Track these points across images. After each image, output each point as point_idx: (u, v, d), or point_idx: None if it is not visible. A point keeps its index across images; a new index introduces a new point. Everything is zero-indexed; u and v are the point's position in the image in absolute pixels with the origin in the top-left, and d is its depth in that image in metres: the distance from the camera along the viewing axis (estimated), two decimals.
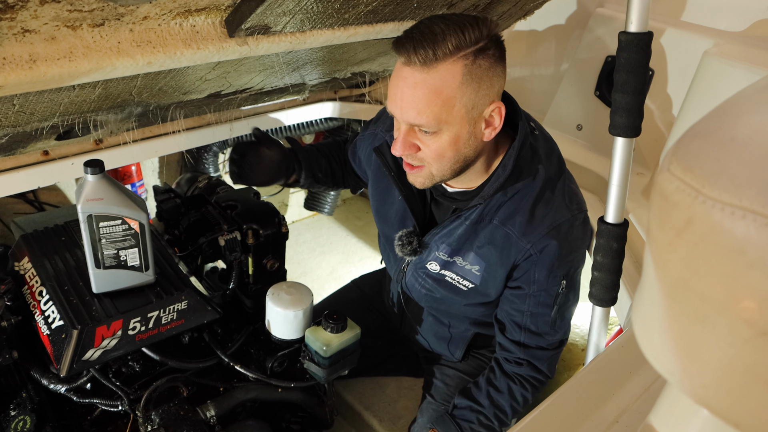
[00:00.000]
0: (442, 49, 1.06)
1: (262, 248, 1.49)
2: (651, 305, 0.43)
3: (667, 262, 0.40)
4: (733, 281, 0.36)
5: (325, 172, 1.63)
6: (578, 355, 1.82)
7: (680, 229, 0.38)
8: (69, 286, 1.27)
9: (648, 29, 1.04)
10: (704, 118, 0.43)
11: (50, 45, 0.88)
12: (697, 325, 0.38)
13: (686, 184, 0.38)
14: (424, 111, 1.10)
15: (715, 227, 0.36)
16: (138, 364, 1.32)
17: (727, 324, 0.37)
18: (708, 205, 0.37)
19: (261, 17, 0.99)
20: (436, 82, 1.08)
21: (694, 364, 0.39)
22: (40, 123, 1.26)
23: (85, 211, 1.15)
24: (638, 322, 0.45)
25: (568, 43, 1.98)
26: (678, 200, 0.39)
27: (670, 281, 0.40)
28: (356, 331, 1.34)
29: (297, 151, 1.59)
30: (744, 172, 0.36)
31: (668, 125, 1.71)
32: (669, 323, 0.41)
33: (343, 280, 2.51)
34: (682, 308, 0.39)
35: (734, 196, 0.35)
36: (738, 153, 0.37)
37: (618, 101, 1.07)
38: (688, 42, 1.63)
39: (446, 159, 1.17)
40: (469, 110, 1.13)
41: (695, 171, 0.38)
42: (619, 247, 1.19)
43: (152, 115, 1.52)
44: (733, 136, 0.39)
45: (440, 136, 1.14)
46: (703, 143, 0.40)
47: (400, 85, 1.11)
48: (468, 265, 1.32)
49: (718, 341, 0.37)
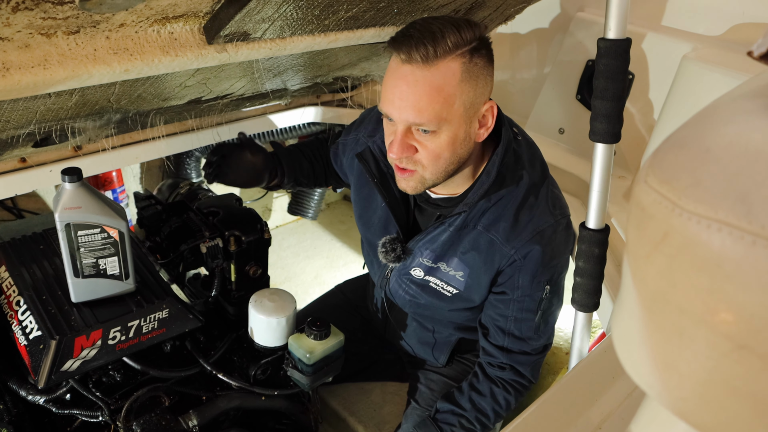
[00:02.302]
0: (442, 46, 1.07)
1: (245, 255, 1.48)
2: (629, 317, 0.42)
3: (645, 275, 0.40)
4: (710, 294, 0.36)
5: (307, 174, 1.63)
6: (562, 359, 1.83)
7: (657, 242, 0.38)
8: (47, 295, 1.25)
9: (627, 35, 1.04)
10: (680, 129, 0.43)
11: (24, 53, 0.86)
12: (675, 337, 0.38)
13: (663, 197, 0.38)
14: (425, 109, 1.10)
15: (692, 240, 0.36)
16: (118, 374, 1.30)
17: (704, 337, 0.37)
18: (684, 218, 0.36)
19: (240, 24, 0.98)
20: (437, 79, 1.08)
21: (673, 377, 0.39)
22: (16, 131, 1.24)
23: (63, 220, 1.14)
24: (617, 333, 0.45)
25: (549, 47, 1.99)
26: (654, 212, 0.39)
27: (647, 293, 0.40)
28: (340, 337, 1.34)
29: (280, 155, 1.58)
30: (719, 185, 0.36)
31: (649, 129, 1.73)
32: (647, 336, 0.41)
33: (328, 285, 2.50)
34: (660, 321, 0.39)
35: (710, 209, 0.35)
36: (713, 165, 0.37)
37: (598, 107, 1.07)
38: (667, 46, 1.65)
39: (443, 160, 1.17)
40: (467, 108, 1.13)
41: (671, 183, 0.38)
42: (600, 252, 1.19)
43: (132, 122, 1.50)
44: (709, 148, 0.39)
45: (439, 135, 1.13)
46: (679, 155, 0.40)
47: (399, 83, 1.11)
48: (452, 271, 1.32)
49: (696, 354, 0.37)
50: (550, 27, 1.99)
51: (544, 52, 2.02)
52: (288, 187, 1.61)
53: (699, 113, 0.44)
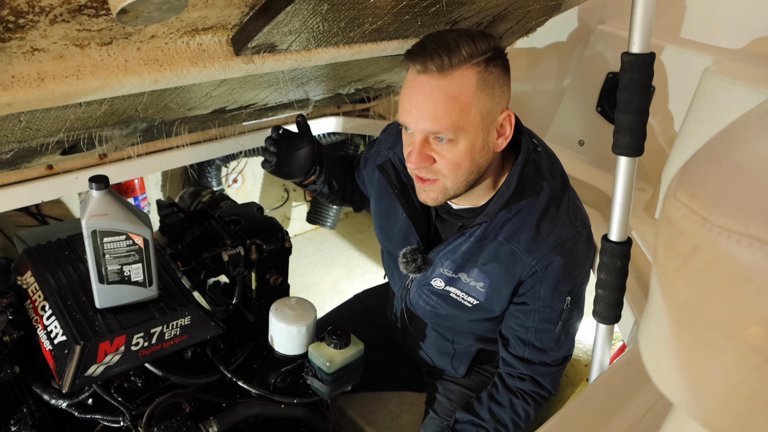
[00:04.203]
0: (457, 56, 1.08)
1: (266, 263, 1.49)
2: (658, 330, 0.43)
3: (674, 288, 0.40)
4: (740, 308, 0.36)
5: (339, 182, 1.63)
6: (581, 371, 1.81)
7: (687, 256, 0.39)
8: (72, 300, 1.27)
9: (650, 50, 1.05)
10: (709, 143, 0.44)
11: (58, 63, 0.89)
12: (704, 350, 0.39)
13: (693, 211, 0.39)
14: (442, 117, 1.11)
15: (722, 255, 0.36)
16: (140, 380, 1.31)
17: (734, 350, 0.37)
18: (714, 233, 0.37)
19: (267, 36, 1.00)
20: (452, 88, 1.10)
21: (702, 390, 0.40)
22: (45, 138, 1.27)
23: (90, 227, 1.16)
24: (645, 345, 0.45)
25: (569, 60, 2.00)
26: (685, 227, 0.39)
27: (677, 307, 0.40)
28: (359, 347, 1.34)
29: (321, 154, 1.57)
30: (749, 200, 0.37)
31: (669, 141, 1.72)
32: (676, 348, 0.41)
33: (346, 294, 2.51)
34: (690, 334, 0.40)
35: (740, 224, 0.36)
36: (743, 180, 0.38)
37: (621, 121, 1.08)
38: (688, 59, 1.64)
39: (462, 169, 1.17)
40: (484, 117, 1.14)
41: (701, 198, 0.39)
42: (622, 265, 1.19)
43: (157, 131, 1.53)
44: (739, 164, 0.39)
45: (456, 144, 1.15)
46: (709, 170, 0.40)
47: (416, 93, 1.12)
48: (472, 282, 1.32)
49: (725, 367, 0.38)
50: (570, 39, 1.99)
51: (564, 64, 2.02)
52: (319, 188, 1.60)
53: (727, 128, 0.44)
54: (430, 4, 1.12)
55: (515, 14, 1.35)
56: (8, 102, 0.88)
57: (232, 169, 2.60)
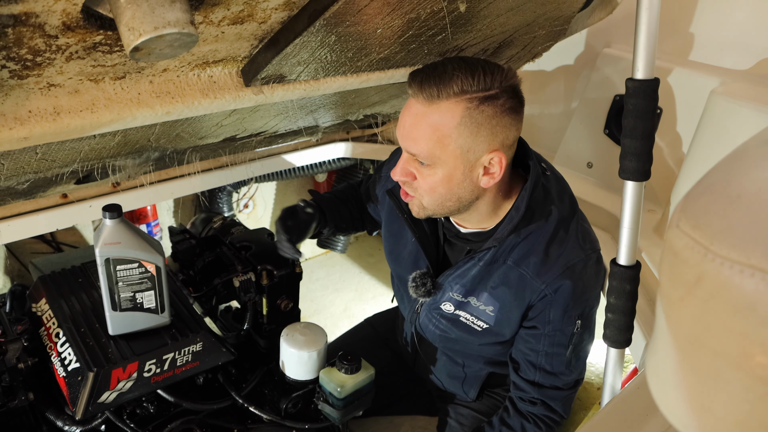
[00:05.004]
0: (446, 90, 1.10)
1: (276, 289, 1.50)
2: (664, 359, 0.43)
3: (679, 318, 0.41)
4: (744, 338, 0.36)
5: (346, 219, 1.64)
6: (593, 394, 1.80)
7: (691, 286, 0.39)
8: (85, 327, 1.28)
9: (654, 75, 1.06)
10: (710, 173, 0.44)
11: (74, 98, 0.91)
12: (710, 380, 0.39)
13: (695, 241, 0.39)
14: (419, 142, 1.15)
15: (725, 284, 0.37)
16: (152, 406, 1.32)
17: (740, 380, 0.37)
18: (717, 263, 0.37)
19: (276, 67, 1.02)
20: (435, 119, 1.12)
21: (709, 420, 0.40)
22: (60, 169, 1.30)
23: (103, 255, 1.18)
24: (652, 375, 0.46)
25: (576, 83, 2.01)
26: (688, 257, 0.39)
27: (682, 336, 0.41)
28: (370, 371, 1.34)
29: (321, 205, 1.58)
30: (751, 230, 0.37)
31: (677, 162, 1.72)
32: (683, 378, 0.41)
33: (356, 318, 2.51)
34: (695, 364, 0.40)
35: (742, 254, 0.36)
36: (745, 210, 0.38)
37: (627, 146, 1.08)
38: (694, 81, 1.65)
39: (437, 194, 1.20)
40: (465, 152, 1.15)
41: (703, 228, 0.39)
42: (632, 288, 1.19)
43: (169, 159, 1.55)
44: (740, 193, 0.40)
45: (434, 170, 1.17)
46: (711, 200, 0.41)
47: (406, 114, 1.16)
48: (482, 306, 1.32)
49: (732, 397, 0.38)
50: (577, 63, 2.01)
51: (571, 87, 2.04)
52: (329, 234, 1.63)
53: (728, 157, 0.45)
54: (435, 33, 1.13)
55: (521, 40, 1.37)
56: (25, 136, 0.90)
57: (243, 194, 2.62)
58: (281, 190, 2.81)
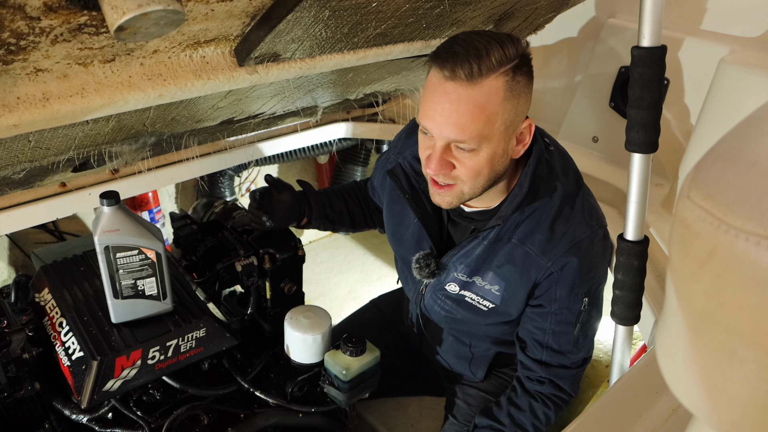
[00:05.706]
0: (486, 64, 1.05)
1: (279, 272, 1.49)
2: (675, 337, 0.41)
3: (691, 294, 0.39)
4: (760, 314, 0.34)
5: (339, 212, 1.61)
6: (602, 372, 1.78)
7: (703, 260, 0.37)
8: (88, 316, 1.28)
9: (661, 42, 1.02)
10: (723, 140, 0.42)
11: (62, 82, 0.89)
12: (724, 359, 0.37)
13: (708, 213, 0.37)
14: (468, 127, 1.08)
15: (740, 258, 0.35)
16: (158, 393, 1.32)
17: (756, 358, 0.35)
18: (731, 235, 0.35)
19: (270, 45, 0.99)
20: (479, 98, 1.07)
21: (723, 400, 0.38)
22: (56, 157, 1.28)
23: (102, 243, 1.16)
24: (662, 354, 0.44)
25: (580, 55, 1.97)
26: (699, 229, 0.37)
27: (694, 313, 0.39)
28: (376, 353, 1.33)
29: (307, 194, 1.56)
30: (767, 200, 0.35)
31: (686, 134, 1.69)
32: (695, 357, 0.39)
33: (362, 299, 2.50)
34: (708, 341, 0.38)
35: (758, 225, 0.34)
36: (760, 178, 0.36)
37: (633, 117, 1.05)
38: (703, 50, 1.61)
39: (482, 177, 1.16)
40: (508, 126, 1.12)
41: (716, 198, 0.37)
42: (640, 264, 1.16)
43: (166, 144, 1.53)
44: (755, 161, 0.37)
45: (478, 153, 1.12)
46: (724, 169, 0.38)
47: (441, 100, 1.08)
48: (487, 285, 1.31)
49: (747, 376, 0.36)
50: (580, 35, 1.96)
51: (575, 60, 1.99)
52: (319, 225, 1.59)
53: (741, 123, 0.42)
54: (433, 6, 1.10)
55: (522, 12, 1.33)
56: (15, 123, 0.88)
57: (244, 178, 2.61)
58: (283, 174, 2.80)
